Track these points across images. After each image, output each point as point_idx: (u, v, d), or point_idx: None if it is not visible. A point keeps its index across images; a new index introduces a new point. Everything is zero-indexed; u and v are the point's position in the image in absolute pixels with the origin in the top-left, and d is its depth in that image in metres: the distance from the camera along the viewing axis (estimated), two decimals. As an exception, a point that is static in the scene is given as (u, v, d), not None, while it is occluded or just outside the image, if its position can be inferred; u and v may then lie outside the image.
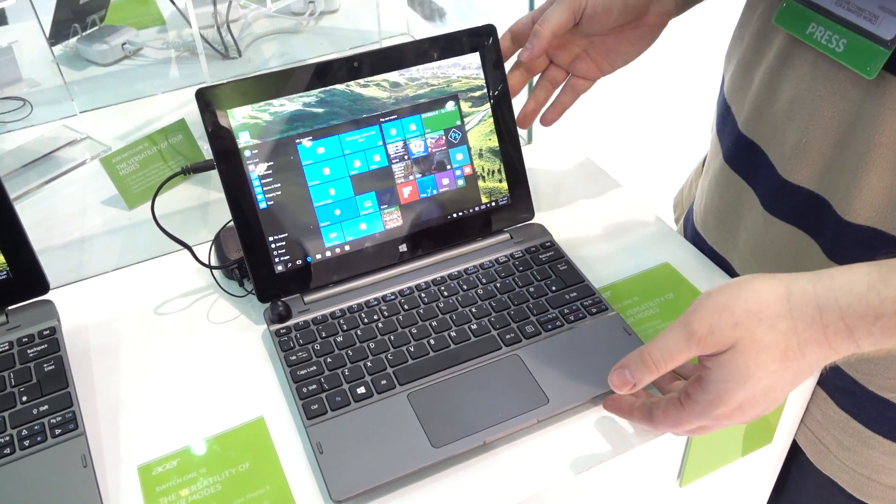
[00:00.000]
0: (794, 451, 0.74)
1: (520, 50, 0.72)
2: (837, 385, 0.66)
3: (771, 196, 0.67)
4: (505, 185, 0.74)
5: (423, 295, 0.69)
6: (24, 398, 0.60)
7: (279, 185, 0.66)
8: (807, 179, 0.63)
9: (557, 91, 0.75)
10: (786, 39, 0.62)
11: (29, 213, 0.86)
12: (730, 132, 0.72)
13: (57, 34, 1.12)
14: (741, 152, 0.71)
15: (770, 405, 0.50)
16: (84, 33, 1.13)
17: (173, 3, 1.18)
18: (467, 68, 0.71)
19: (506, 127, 0.73)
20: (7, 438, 0.58)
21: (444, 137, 0.71)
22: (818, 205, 0.63)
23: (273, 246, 0.67)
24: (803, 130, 0.62)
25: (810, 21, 0.59)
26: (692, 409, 0.51)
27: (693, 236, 0.82)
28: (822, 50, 0.58)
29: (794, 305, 0.47)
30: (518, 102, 0.75)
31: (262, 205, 0.66)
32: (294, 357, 0.63)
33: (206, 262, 0.73)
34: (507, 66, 0.74)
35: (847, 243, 0.61)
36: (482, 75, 0.72)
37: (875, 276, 0.45)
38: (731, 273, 0.75)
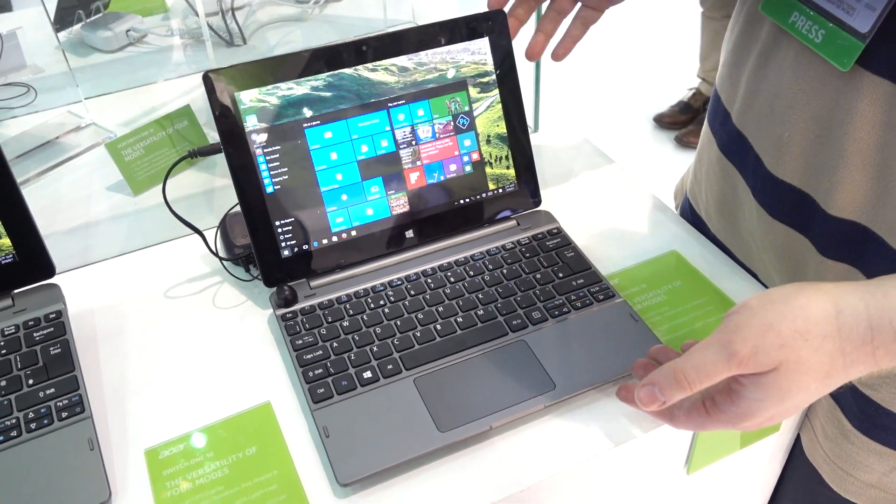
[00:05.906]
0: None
1: None
2: None
3: (761, 190, 0.67)
4: (512, 171, 0.74)
5: (429, 280, 0.68)
6: (31, 381, 0.60)
7: (286, 169, 0.66)
8: (791, 175, 0.63)
9: (566, 25, 0.71)
10: (771, 30, 0.62)
11: (34, 199, 0.85)
12: (721, 123, 0.72)
13: (61, 21, 1.11)
14: (734, 144, 0.70)
15: (798, 410, 0.49)
16: (88, 20, 1.13)
17: (178, -10, 1.18)
18: (476, 53, 0.71)
19: (515, 113, 0.73)
20: (14, 421, 0.58)
21: (452, 123, 0.71)
22: (804, 201, 0.62)
23: (279, 231, 0.67)
24: (786, 124, 0.61)
25: (793, 10, 0.58)
26: (718, 417, 0.49)
27: (698, 224, 0.82)
28: (802, 40, 0.58)
29: (843, 325, 0.44)
30: (525, 35, 0.72)
31: (269, 189, 0.66)
32: (300, 341, 0.63)
33: (215, 249, 0.72)
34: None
35: (836, 238, 0.60)
36: (491, 61, 0.71)
37: None
38: (738, 262, 0.74)
